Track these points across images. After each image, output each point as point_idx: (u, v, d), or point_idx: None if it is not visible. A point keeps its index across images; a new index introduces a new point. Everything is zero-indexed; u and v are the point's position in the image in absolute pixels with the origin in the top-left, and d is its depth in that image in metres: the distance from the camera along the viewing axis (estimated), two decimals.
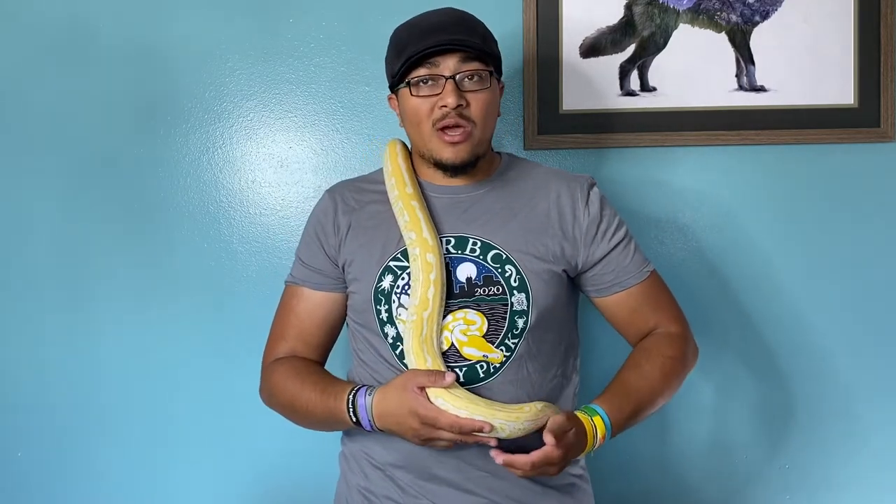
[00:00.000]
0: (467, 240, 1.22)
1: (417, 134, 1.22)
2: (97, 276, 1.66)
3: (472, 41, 1.18)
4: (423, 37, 1.18)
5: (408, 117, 1.23)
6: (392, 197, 1.26)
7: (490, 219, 1.24)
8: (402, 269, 1.21)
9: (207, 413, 1.65)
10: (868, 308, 1.62)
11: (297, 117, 1.64)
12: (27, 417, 1.68)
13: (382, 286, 1.21)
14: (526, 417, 1.11)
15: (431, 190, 1.27)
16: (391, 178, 1.27)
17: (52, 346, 1.67)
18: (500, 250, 1.21)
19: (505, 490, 1.20)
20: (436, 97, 1.18)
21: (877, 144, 1.59)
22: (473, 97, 1.19)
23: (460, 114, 1.18)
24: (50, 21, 1.64)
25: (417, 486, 1.20)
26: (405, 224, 1.21)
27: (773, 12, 1.58)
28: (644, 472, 1.64)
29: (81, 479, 1.68)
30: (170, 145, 1.65)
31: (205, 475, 1.67)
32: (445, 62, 1.18)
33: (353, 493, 1.27)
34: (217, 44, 1.63)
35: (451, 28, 1.19)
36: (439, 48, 1.17)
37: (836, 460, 1.63)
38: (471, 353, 1.18)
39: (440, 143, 1.20)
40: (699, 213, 1.61)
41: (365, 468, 1.25)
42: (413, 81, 1.19)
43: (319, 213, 1.32)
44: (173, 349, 1.65)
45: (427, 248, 1.17)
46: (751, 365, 1.63)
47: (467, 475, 1.19)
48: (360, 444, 1.26)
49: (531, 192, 1.27)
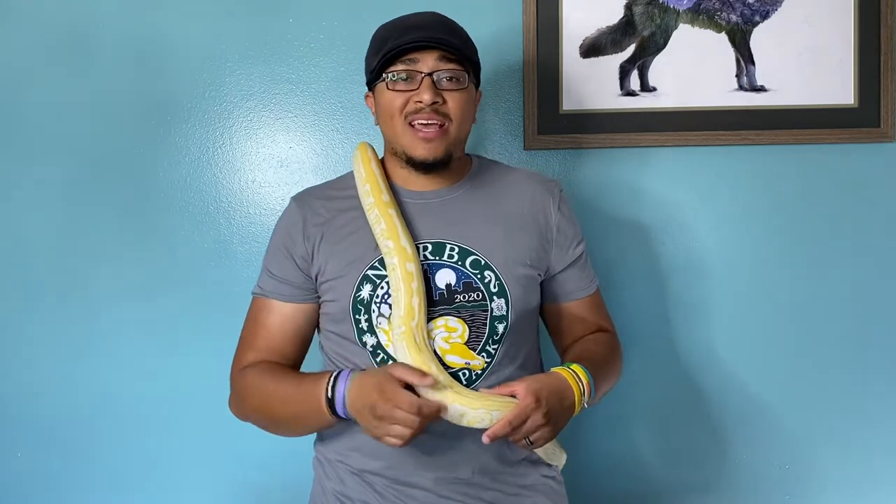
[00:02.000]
0: (445, 245, 1.21)
1: (390, 129, 1.21)
2: (97, 276, 1.66)
3: (451, 41, 1.18)
4: (402, 33, 1.19)
5: (382, 112, 1.22)
6: (367, 204, 1.22)
7: (466, 223, 1.23)
8: (381, 277, 1.19)
9: (207, 413, 1.65)
10: (868, 308, 1.62)
11: (297, 117, 1.64)
12: (27, 418, 1.68)
13: (361, 296, 1.19)
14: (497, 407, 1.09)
15: (405, 195, 1.25)
16: (365, 184, 1.24)
17: (51, 347, 1.67)
18: (479, 256, 1.20)
19: (479, 494, 1.20)
20: (411, 92, 1.18)
21: (877, 144, 1.59)
22: (450, 95, 1.19)
23: (435, 110, 1.17)
24: (50, 21, 1.64)
25: (394, 491, 1.20)
26: (382, 232, 1.18)
27: (773, 12, 1.58)
28: (644, 472, 1.64)
29: (81, 480, 1.68)
30: (170, 145, 1.65)
31: (205, 475, 1.67)
32: (424, 59, 1.17)
33: (328, 498, 1.26)
34: (217, 44, 1.63)
35: (432, 27, 1.19)
36: (418, 44, 1.16)
37: (837, 460, 1.63)
38: (453, 360, 1.17)
39: (413, 139, 1.19)
40: (699, 213, 1.61)
41: (341, 473, 1.24)
42: (390, 76, 1.19)
43: (288, 225, 1.27)
44: (173, 349, 1.65)
45: (406, 258, 1.16)
46: (750, 364, 1.63)
47: (443, 482, 1.19)
48: (336, 452, 1.25)
49: (505, 194, 1.27)
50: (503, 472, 1.22)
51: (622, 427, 1.64)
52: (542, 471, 1.27)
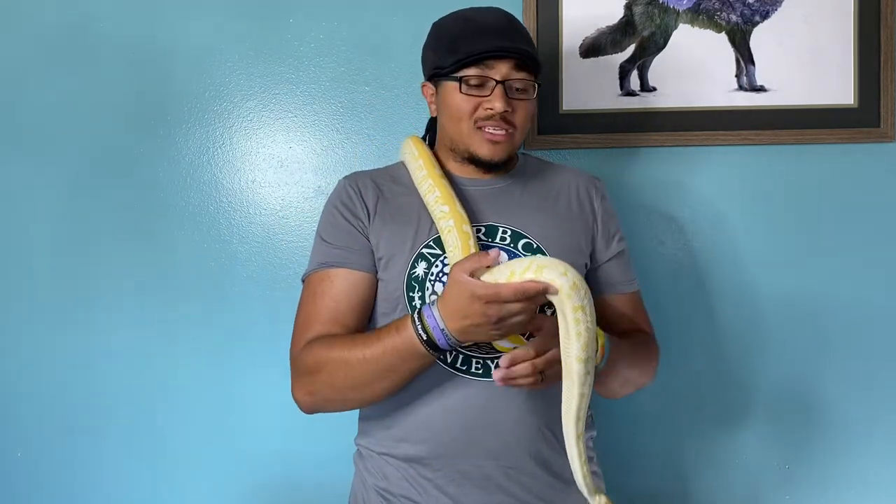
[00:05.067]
0: (497, 228, 1.22)
1: (456, 129, 1.22)
2: (96, 277, 1.66)
3: (527, 50, 1.20)
4: (478, 36, 1.19)
5: (449, 112, 1.22)
6: (419, 177, 1.23)
7: (517, 209, 1.25)
8: (436, 256, 1.19)
9: (207, 413, 1.65)
10: (868, 308, 1.61)
11: (297, 117, 1.64)
12: (27, 418, 1.68)
13: (416, 273, 1.19)
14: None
15: (457, 181, 1.27)
16: (418, 160, 1.25)
17: (50, 347, 1.67)
18: (531, 239, 1.21)
19: (527, 486, 1.18)
20: (482, 98, 1.19)
21: (877, 144, 1.59)
22: (519, 105, 1.20)
23: (504, 118, 1.19)
24: (50, 21, 1.64)
25: (439, 484, 1.17)
26: (436, 199, 1.18)
27: (773, 12, 1.58)
28: (643, 472, 1.64)
29: (81, 480, 1.68)
30: (170, 145, 1.65)
31: (204, 476, 1.66)
32: (499, 66, 1.18)
33: (370, 493, 1.24)
34: (217, 44, 1.63)
35: (509, 33, 1.20)
36: (499, 54, 1.17)
37: (836, 460, 1.63)
38: (503, 344, 1.15)
39: (480, 140, 1.21)
40: (699, 213, 1.61)
41: (384, 468, 1.22)
42: (464, 79, 1.19)
43: (342, 195, 1.26)
44: (172, 349, 1.65)
45: (463, 220, 1.16)
46: (750, 364, 1.63)
47: (492, 471, 1.17)
48: (381, 444, 1.23)
49: (551, 185, 1.30)
50: (553, 462, 1.20)
51: (622, 426, 1.64)
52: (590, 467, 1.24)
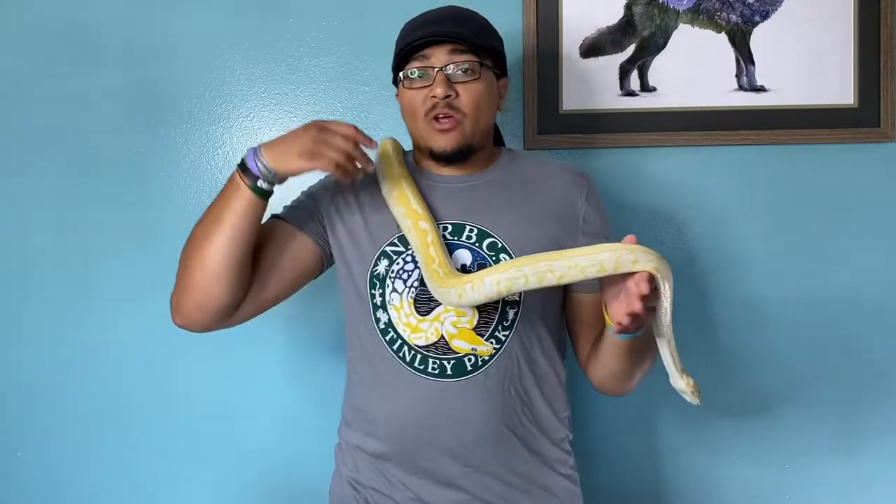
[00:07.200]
0: (464, 227, 1.22)
1: (414, 127, 1.24)
2: (96, 276, 1.66)
3: (460, 32, 1.19)
4: (416, 29, 1.21)
5: (404, 111, 1.25)
6: (380, 178, 1.25)
7: (487, 208, 1.24)
8: (398, 254, 1.21)
9: (207, 410, 1.65)
10: (868, 307, 1.61)
11: (297, 117, 1.64)
12: (27, 417, 1.68)
13: (378, 271, 1.21)
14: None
15: (431, 178, 1.27)
16: (381, 160, 1.27)
17: (50, 346, 1.67)
18: (496, 238, 1.21)
19: (487, 484, 1.19)
20: (427, 88, 1.19)
21: (877, 144, 1.59)
22: (463, 88, 1.19)
23: (449, 104, 1.19)
24: (50, 21, 1.64)
25: (403, 478, 1.21)
26: (394, 199, 1.21)
27: (773, 12, 1.58)
28: (642, 473, 1.64)
29: (81, 479, 1.68)
30: (170, 145, 1.65)
31: (206, 473, 1.67)
32: (436, 55, 1.19)
33: (343, 485, 1.28)
34: (217, 44, 1.63)
35: (444, 21, 1.21)
36: (426, 39, 1.18)
37: (836, 460, 1.63)
38: (459, 345, 1.17)
39: (432, 132, 1.21)
40: (699, 213, 1.61)
41: (357, 459, 1.26)
42: (406, 74, 1.21)
43: (324, 181, 1.32)
44: (172, 348, 1.65)
45: (418, 217, 1.18)
46: (750, 364, 1.63)
47: (451, 469, 1.19)
48: (355, 437, 1.26)
49: (533, 184, 1.28)
50: (514, 461, 1.20)
51: (621, 426, 1.64)
52: (558, 467, 1.24)
